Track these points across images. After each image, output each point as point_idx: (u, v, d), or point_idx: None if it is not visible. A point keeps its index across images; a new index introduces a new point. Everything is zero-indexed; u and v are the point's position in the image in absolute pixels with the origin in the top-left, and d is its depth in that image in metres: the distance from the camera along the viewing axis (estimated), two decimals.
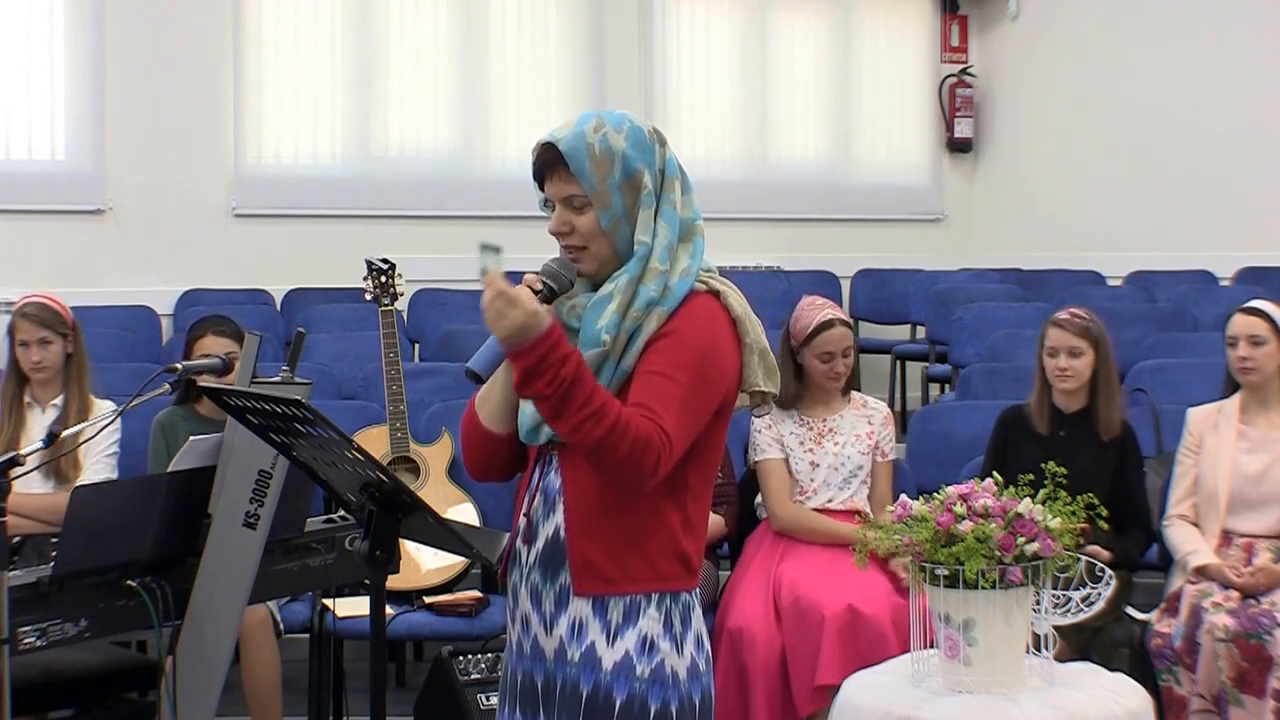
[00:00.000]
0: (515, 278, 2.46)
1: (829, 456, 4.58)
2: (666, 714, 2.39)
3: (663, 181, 2.45)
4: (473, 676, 4.27)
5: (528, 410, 2.45)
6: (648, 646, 2.41)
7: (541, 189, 2.47)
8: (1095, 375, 4.52)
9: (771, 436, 4.61)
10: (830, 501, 4.56)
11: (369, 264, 5.13)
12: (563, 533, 2.43)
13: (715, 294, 2.45)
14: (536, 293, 2.40)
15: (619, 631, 2.41)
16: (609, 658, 2.40)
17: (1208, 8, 8.89)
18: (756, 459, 4.61)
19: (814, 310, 4.61)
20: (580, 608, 2.42)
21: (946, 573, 3.26)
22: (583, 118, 2.44)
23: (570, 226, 2.43)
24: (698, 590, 2.50)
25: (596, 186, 2.40)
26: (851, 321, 4.69)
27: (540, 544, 2.46)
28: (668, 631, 2.42)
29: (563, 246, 2.46)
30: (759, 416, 4.55)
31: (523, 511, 2.50)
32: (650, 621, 2.41)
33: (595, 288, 2.45)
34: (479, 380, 2.42)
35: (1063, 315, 4.56)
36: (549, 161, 2.43)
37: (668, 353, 2.37)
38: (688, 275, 2.42)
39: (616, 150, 2.40)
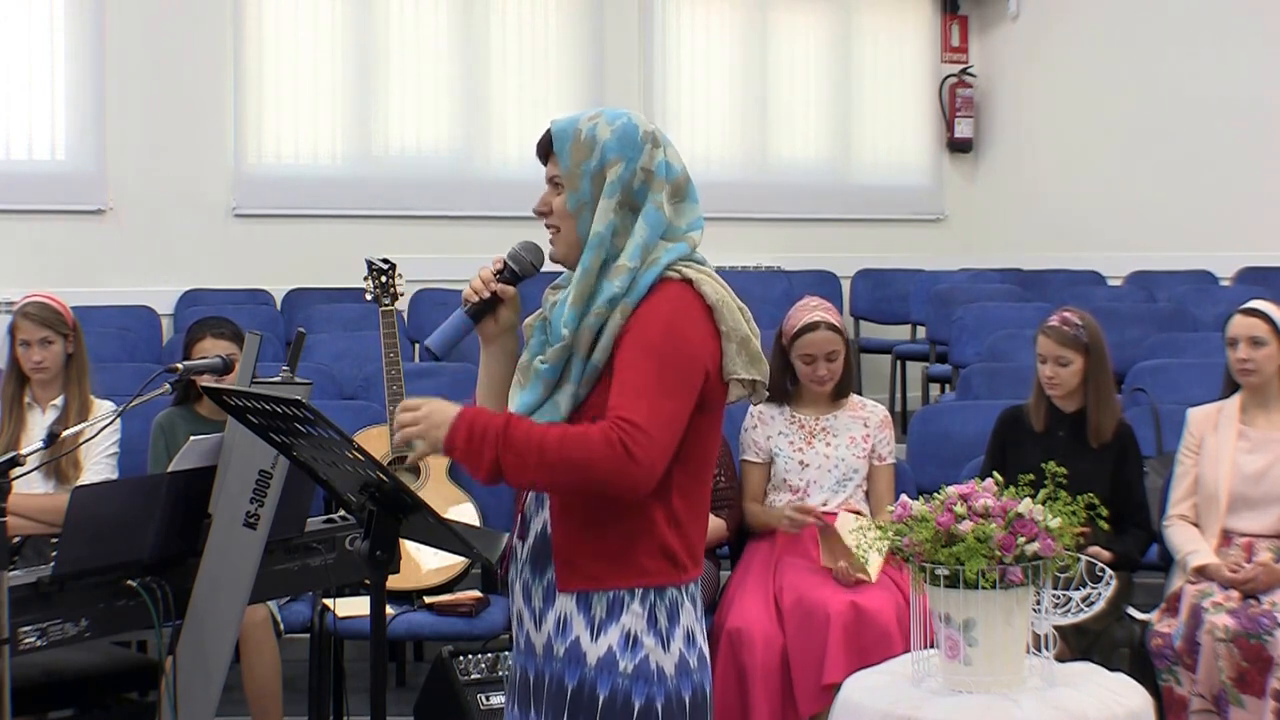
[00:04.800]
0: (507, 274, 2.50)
1: (819, 457, 4.57)
2: (651, 710, 2.40)
3: (650, 182, 2.45)
4: (473, 676, 4.27)
5: (513, 406, 2.46)
6: (631, 642, 2.41)
7: None
8: (1086, 380, 4.51)
9: (754, 438, 4.63)
10: (825, 504, 4.55)
11: (369, 264, 5.14)
12: (549, 528, 2.44)
13: (688, 282, 2.43)
14: (498, 273, 2.50)
15: (602, 627, 2.42)
16: (593, 653, 2.41)
17: (1207, 9, 8.89)
18: (739, 458, 4.65)
19: (805, 311, 4.60)
20: (565, 603, 2.43)
21: (947, 573, 3.26)
22: (590, 109, 2.51)
23: (549, 206, 2.49)
24: (692, 585, 2.49)
25: (570, 170, 2.45)
26: (844, 327, 4.63)
27: (530, 539, 2.48)
28: (652, 627, 2.42)
29: (545, 226, 2.51)
30: (755, 405, 4.56)
31: (518, 507, 2.53)
32: (633, 617, 2.42)
33: None
34: (436, 357, 2.51)
35: (1053, 321, 4.52)
36: (545, 142, 2.51)
37: (630, 347, 2.37)
38: (655, 265, 2.42)
39: (600, 139, 2.44)
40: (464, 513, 4.79)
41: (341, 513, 3.71)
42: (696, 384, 2.39)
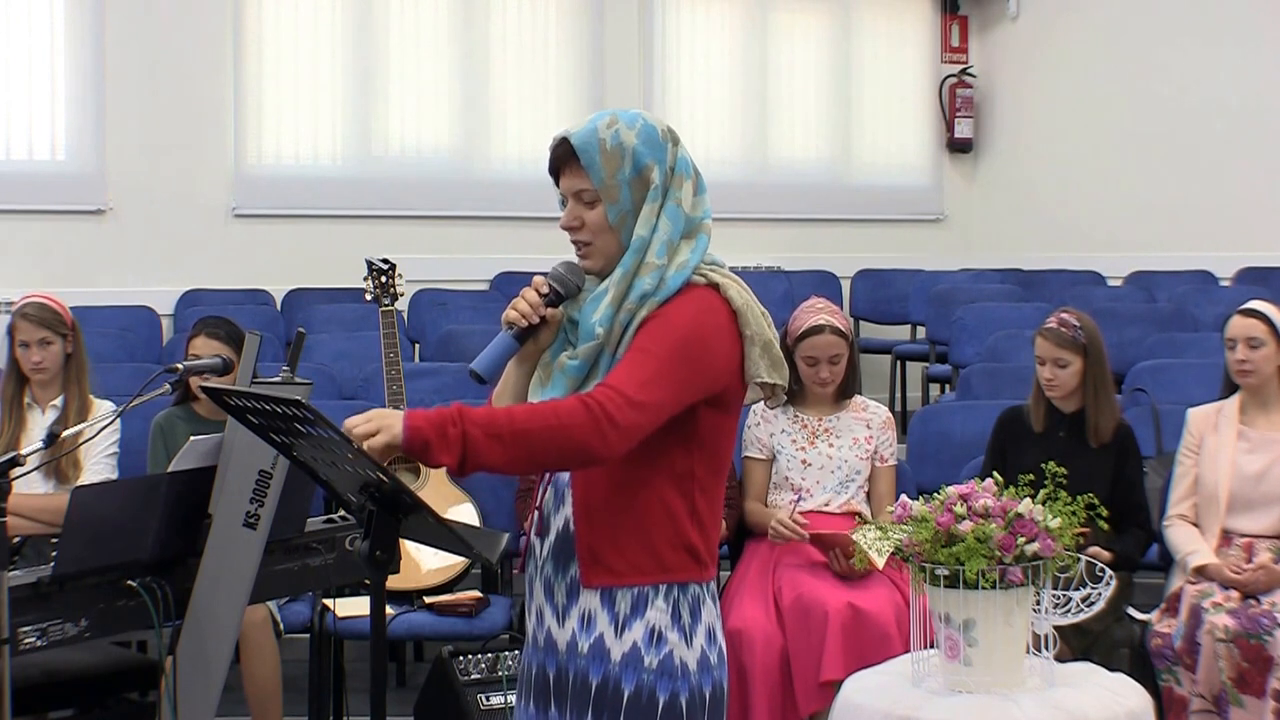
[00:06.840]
0: (524, 280, 2.47)
1: (821, 457, 4.57)
2: (675, 705, 2.40)
3: (672, 179, 2.46)
4: (473, 676, 4.27)
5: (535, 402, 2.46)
6: (655, 638, 2.42)
7: (557, 185, 2.50)
8: (1085, 381, 4.51)
9: (756, 435, 4.63)
10: (827, 504, 4.55)
11: (369, 264, 5.13)
12: (571, 525, 2.45)
13: (715, 286, 2.46)
14: (543, 295, 2.44)
15: (627, 623, 2.42)
16: (617, 649, 2.42)
17: (1207, 10, 8.89)
18: (741, 454, 4.64)
19: (811, 313, 4.60)
20: (589, 599, 2.44)
21: (947, 573, 3.26)
22: (598, 115, 2.48)
23: (580, 221, 2.46)
24: (711, 583, 2.51)
25: (606, 181, 2.42)
26: (849, 330, 4.62)
27: (552, 536, 2.48)
28: (676, 623, 2.43)
29: (572, 241, 2.49)
30: (771, 408, 4.56)
31: (535, 504, 2.53)
32: (658, 613, 2.42)
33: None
34: (482, 381, 2.44)
35: (1051, 323, 4.53)
36: (562, 156, 2.46)
37: (649, 331, 2.38)
38: (684, 268, 2.43)
39: (627, 146, 2.42)
40: (464, 513, 4.79)
41: (341, 513, 3.71)
42: (697, 387, 2.40)
